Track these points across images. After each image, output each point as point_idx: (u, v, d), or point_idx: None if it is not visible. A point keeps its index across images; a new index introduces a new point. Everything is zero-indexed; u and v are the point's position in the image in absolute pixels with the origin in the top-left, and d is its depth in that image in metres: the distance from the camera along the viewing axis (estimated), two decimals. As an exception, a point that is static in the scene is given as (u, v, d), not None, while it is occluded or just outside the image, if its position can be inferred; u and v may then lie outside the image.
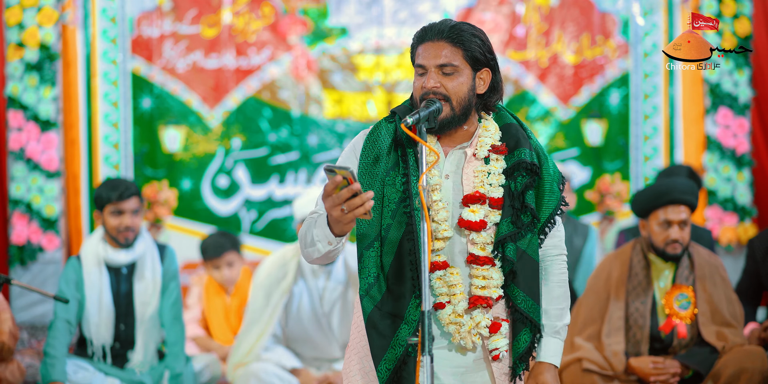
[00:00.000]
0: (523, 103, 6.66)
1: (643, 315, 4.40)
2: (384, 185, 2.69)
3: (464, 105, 2.70)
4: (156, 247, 4.69)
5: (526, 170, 2.72)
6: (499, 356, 2.71)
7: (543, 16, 6.67)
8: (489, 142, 2.73)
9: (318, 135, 6.63)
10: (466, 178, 2.72)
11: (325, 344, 4.90)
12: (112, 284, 4.62)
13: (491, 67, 2.76)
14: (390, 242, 2.65)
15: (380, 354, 2.65)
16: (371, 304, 2.67)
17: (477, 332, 2.69)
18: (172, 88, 6.52)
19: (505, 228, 2.68)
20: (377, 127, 2.75)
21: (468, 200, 2.69)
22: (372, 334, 2.66)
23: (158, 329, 4.66)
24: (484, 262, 2.68)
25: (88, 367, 4.53)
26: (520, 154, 2.72)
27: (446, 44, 2.68)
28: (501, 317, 2.73)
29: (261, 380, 4.74)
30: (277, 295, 4.86)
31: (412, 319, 2.64)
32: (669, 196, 4.40)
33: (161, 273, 4.64)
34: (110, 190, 4.53)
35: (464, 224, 2.68)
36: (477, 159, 2.73)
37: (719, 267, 4.50)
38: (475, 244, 2.69)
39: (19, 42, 6.22)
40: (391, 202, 2.67)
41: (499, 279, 2.70)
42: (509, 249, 2.68)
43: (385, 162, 2.71)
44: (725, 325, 4.40)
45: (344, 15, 6.64)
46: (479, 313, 2.69)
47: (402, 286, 2.65)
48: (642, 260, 4.48)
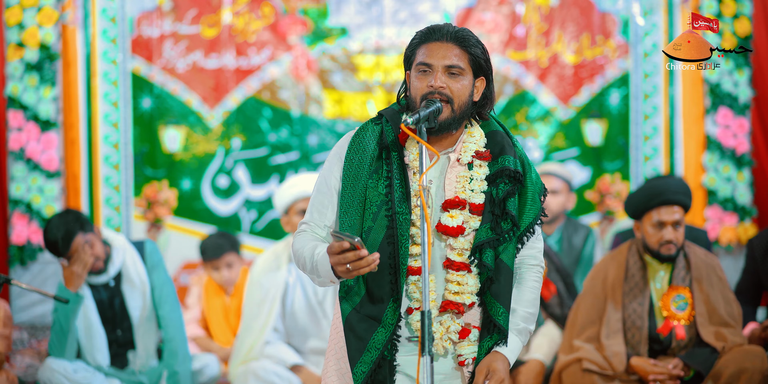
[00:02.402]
0: (523, 103, 6.66)
1: (640, 316, 4.40)
2: (367, 188, 2.68)
3: (464, 109, 2.70)
4: (135, 249, 4.65)
5: (509, 178, 2.71)
6: (465, 362, 2.69)
7: (543, 16, 6.67)
8: (473, 148, 2.73)
9: (318, 135, 6.63)
10: (448, 183, 2.71)
11: (322, 334, 4.90)
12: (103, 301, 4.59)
13: (487, 77, 2.76)
14: (370, 245, 2.64)
15: (356, 356, 2.64)
16: (350, 306, 2.66)
17: (447, 338, 2.68)
18: (172, 88, 6.52)
19: (483, 234, 2.67)
20: (363, 129, 2.75)
21: (447, 205, 2.69)
22: (349, 336, 2.65)
23: (156, 329, 4.66)
24: (459, 267, 2.67)
25: (88, 367, 4.53)
26: (504, 162, 2.71)
27: (455, 46, 2.69)
28: (473, 324, 2.71)
29: (260, 378, 4.74)
30: (274, 289, 4.87)
31: (389, 323, 2.63)
32: (661, 196, 4.39)
33: (146, 271, 4.63)
34: (48, 243, 4.43)
35: (441, 229, 2.67)
36: (460, 164, 2.73)
37: (716, 267, 4.49)
38: (453, 249, 2.68)
39: (19, 42, 6.22)
40: (372, 205, 2.67)
41: (474, 285, 2.68)
42: (487, 255, 2.66)
43: (369, 165, 2.70)
44: (723, 325, 4.39)
45: (344, 15, 6.63)
46: (449, 319, 2.68)
47: (380, 290, 2.64)
48: (638, 261, 4.47)
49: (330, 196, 2.73)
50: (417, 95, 2.69)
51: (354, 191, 2.69)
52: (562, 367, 4.44)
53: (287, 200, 4.94)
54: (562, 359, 4.46)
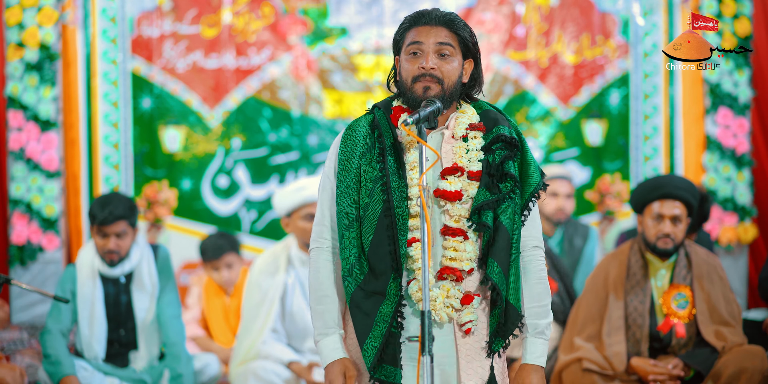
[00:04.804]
0: (523, 103, 6.66)
1: (641, 314, 4.40)
2: (360, 166, 2.72)
3: (452, 90, 2.73)
4: (150, 251, 4.68)
5: (505, 143, 2.74)
6: (471, 330, 2.70)
7: (543, 16, 6.67)
8: (466, 122, 2.77)
9: (318, 135, 6.63)
10: (445, 156, 2.74)
11: None
12: (109, 295, 4.60)
13: (475, 59, 2.79)
14: (369, 220, 2.68)
15: (366, 332, 2.65)
16: (354, 283, 2.69)
17: (449, 304, 2.68)
18: (172, 88, 6.52)
19: (482, 196, 2.69)
20: (356, 120, 2.81)
21: (446, 173, 2.72)
22: (356, 314, 2.67)
23: (159, 332, 4.66)
24: (456, 233, 2.68)
25: (88, 366, 4.53)
26: (499, 130, 2.74)
27: (444, 29, 2.73)
28: (474, 292, 2.72)
29: (260, 378, 4.74)
30: (273, 290, 4.87)
31: (392, 294, 2.65)
32: (663, 189, 4.41)
33: (156, 275, 4.64)
34: (99, 210, 4.49)
35: (439, 193, 2.69)
36: (455, 139, 2.76)
37: (717, 266, 4.50)
38: (451, 216, 2.70)
39: (19, 42, 6.22)
40: (368, 182, 2.70)
41: (473, 252, 2.69)
42: (486, 216, 2.68)
43: (361, 145, 2.74)
44: (723, 325, 4.40)
45: (344, 15, 6.63)
46: (448, 284, 2.69)
47: (382, 263, 2.66)
48: (639, 259, 4.48)
49: (333, 200, 2.78)
50: (408, 77, 2.73)
51: (347, 172, 2.73)
52: (562, 367, 4.44)
53: (293, 203, 4.92)
54: (563, 359, 4.46)
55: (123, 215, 4.49)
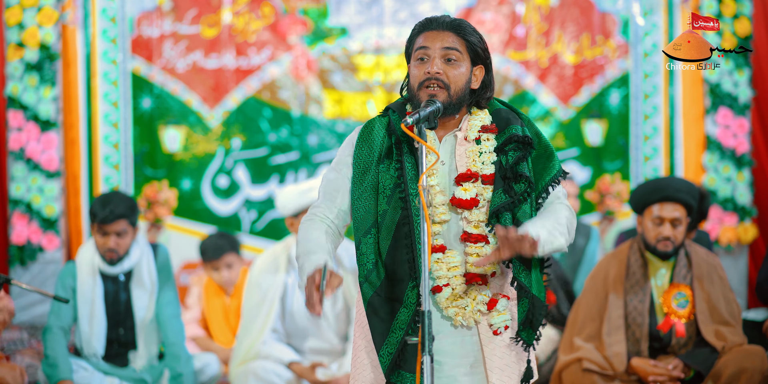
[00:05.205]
0: (523, 103, 6.65)
1: (641, 313, 4.40)
2: (378, 172, 2.72)
3: (460, 95, 2.73)
4: (150, 250, 4.68)
5: (519, 143, 2.73)
6: (498, 331, 2.73)
7: (543, 16, 6.67)
8: (479, 124, 2.77)
9: (318, 135, 6.63)
10: (459, 159, 2.74)
11: (322, 334, 4.90)
12: (109, 293, 4.61)
13: (486, 66, 2.79)
14: (387, 227, 2.68)
15: (381, 339, 2.67)
16: (371, 289, 2.69)
17: (477, 309, 2.70)
18: (172, 88, 6.52)
19: (497, 199, 2.69)
20: (371, 122, 2.81)
21: (460, 179, 2.72)
22: (373, 320, 2.69)
23: (158, 331, 4.66)
24: (477, 239, 2.70)
25: (87, 366, 4.53)
26: (511, 130, 2.74)
27: (451, 34, 2.74)
28: (501, 294, 2.74)
29: (260, 378, 4.74)
30: (273, 290, 4.88)
31: (411, 302, 2.66)
32: (663, 192, 4.40)
33: (156, 274, 4.65)
34: (100, 208, 4.50)
35: (455, 202, 2.70)
36: (468, 141, 2.76)
37: (717, 266, 4.50)
38: (470, 222, 2.71)
39: (19, 42, 6.22)
40: (386, 189, 2.71)
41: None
42: (505, 218, 2.68)
43: (378, 151, 2.74)
44: (723, 324, 4.40)
45: (344, 15, 6.63)
46: (475, 291, 2.70)
47: (400, 270, 2.67)
48: (639, 259, 4.48)
49: (343, 181, 2.77)
50: (415, 83, 2.74)
51: (365, 178, 2.73)
52: (562, 367, 4.44)
53: (300, 204, 4.90)
54: (563, 359, 4.46)
55: (123, 214, 4.50)
